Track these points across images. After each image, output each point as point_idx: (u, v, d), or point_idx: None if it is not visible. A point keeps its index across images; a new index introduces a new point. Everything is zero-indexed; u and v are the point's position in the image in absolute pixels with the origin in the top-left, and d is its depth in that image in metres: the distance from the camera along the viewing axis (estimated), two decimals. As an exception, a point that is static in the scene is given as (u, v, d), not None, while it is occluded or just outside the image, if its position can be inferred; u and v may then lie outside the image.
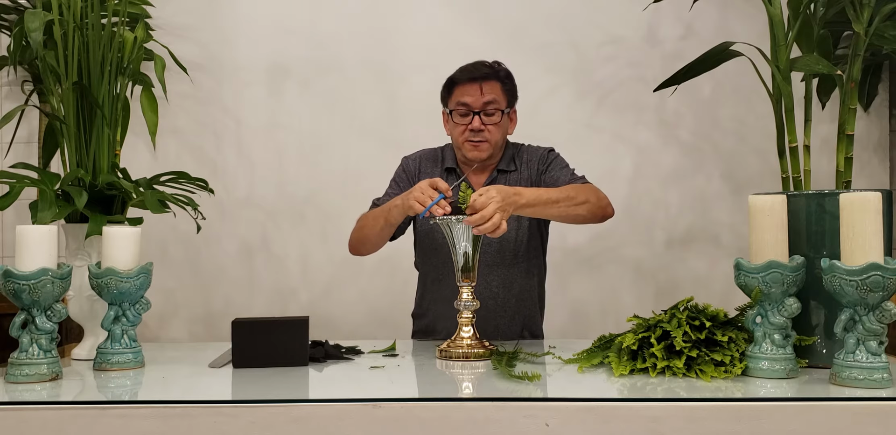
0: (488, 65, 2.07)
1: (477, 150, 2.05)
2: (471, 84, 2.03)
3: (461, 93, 2.03)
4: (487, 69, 2.05)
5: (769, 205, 1.48)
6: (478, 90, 2.02)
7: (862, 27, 1.81)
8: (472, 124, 2.02)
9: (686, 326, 1.50)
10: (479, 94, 2.02)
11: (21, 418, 1.29)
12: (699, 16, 2.77)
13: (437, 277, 2.13)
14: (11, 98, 2.94)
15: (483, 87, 2.02)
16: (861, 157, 2.86)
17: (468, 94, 2.02)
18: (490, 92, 2.03)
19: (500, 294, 2.09)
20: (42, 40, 1.85)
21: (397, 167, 2.21)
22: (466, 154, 2.07)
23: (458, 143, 2.08)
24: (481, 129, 2.02)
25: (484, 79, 2.03)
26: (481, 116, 2.02)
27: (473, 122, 2.01)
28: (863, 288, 1.34)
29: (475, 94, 2.02)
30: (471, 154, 2.05)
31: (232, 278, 2.97)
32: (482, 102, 2.02)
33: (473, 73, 2.03)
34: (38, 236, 1.51)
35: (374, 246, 2.06)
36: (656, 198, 2.96)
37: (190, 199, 1.96)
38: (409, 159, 2.20)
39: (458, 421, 1.27)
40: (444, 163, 2.15)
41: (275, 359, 1.62)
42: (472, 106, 2.02)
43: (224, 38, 2.97)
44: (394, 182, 2.18)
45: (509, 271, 2.10)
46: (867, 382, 1.36)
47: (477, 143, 2.04)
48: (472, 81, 2.02)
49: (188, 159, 2.95)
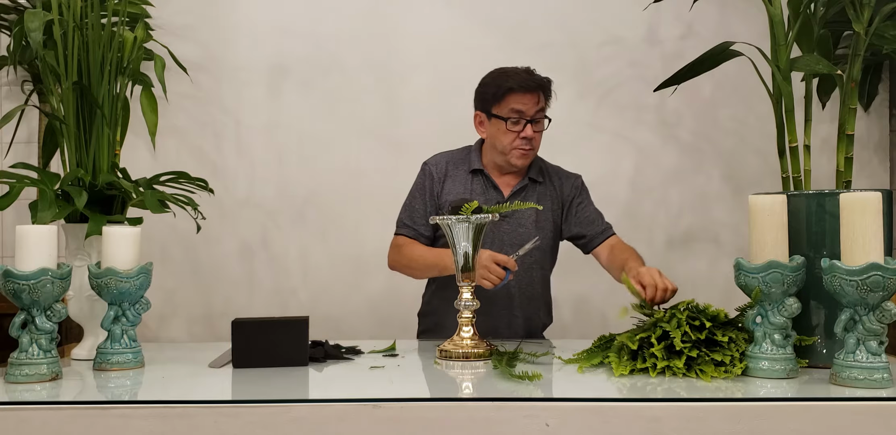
0: (538, 76, 2.09)
1: (525, 157, 2.09)
2: (530, 93, 2.05)
3: (516, 100, 2.04)
4: (539, 78, 2.08)
5: (769, 205, 1.48)
6: (535, 99, 2.05)
7: (862, 27, 1.81)
8: (525, 132, 2.05)
9: (686, 327, 1.50)
10: (535, 103, 2.05)
11: (21, 418, 1.28)
12: (699, 16, 2.77)
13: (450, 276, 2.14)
14: (11, 98, 2.94)
15: (539, 97, 2.06)
16: (861, 157, 2.86)
17: (524, 103, 2.04)
18: (541, 101, 2.07)
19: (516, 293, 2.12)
20: (42, 40, 1.85)
21: (418, 175, 2.19)
22: (514, 161, 2.09)
23: (505, 150, 2.08)
24: (533, 136, 2.06)
25: (538, 88, 2.06)
26: (532, 124, 2.05)
27: (526, 131, 2.05)
28: (863, 288, 1.34)
29: (531, 103, 2.04)
30: (519, 162, 2.09)
31: (232, 278, 2.97)
32: (535, 111, 2.05)
33: (531, 83, 2.05)
34: (38, 236, 1.51)
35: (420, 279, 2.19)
36: (656, 198, 2.96)
37: (190, 199, 1.96)
38: (430, 165, 2.18)
39: (458, 421, 1.27)
40: (470, 165, 2.16)
41: (275, 359, 1.62)
42: (525, 114, 2.04)
43: (224, 38, 2.97)
44: (417, 193, 2.16)
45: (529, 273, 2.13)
46: (867, 382, 1.36)
47: (527, 151, 2.07)
48: (530, 91, 2.04)
49: (188, 159, 2.95)
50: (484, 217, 1.70)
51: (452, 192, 2.12)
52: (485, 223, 1.71)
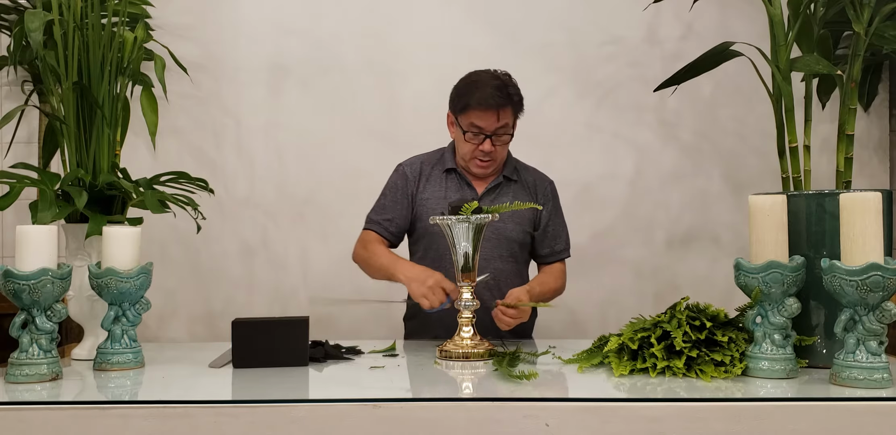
0: (503, 88, 2.04)
1: (483, 168, 2.11)
2: (488, 111, 2.02)
3: (476, 116, 2.03)
4: (503, 97, 2.03)
5: (769, 205, 1.48)
6: (494, 117, 2.03)
7: (862, 27, 1.81)
8: (484, 147, 2.05)
9: (686, 327, 1.50)
10: (495, 121, 2.03)
11: (21, 418, 1.29)
12: (699, 16, 2.77)
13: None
14: (11, 98, 2.94)
15: (500, 114, 2.03)
16: (861, 157, 2.85)
17: (483, 120, 2.03)
18: (504, 118, 2.04)
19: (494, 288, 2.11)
20: (42, 40, 1.85)
21: (391, 176, 2.20)
22: (472, 170, 2.12)
23: (465, 157, 2.11)
24: (492, 150, 2.06)
25: (500, 107, 2.02)
26: (492, 139, 2.04)
27: (485, 145, 2.04)
28: (863, 288, 1.34)
29: (490, 120, 2.03)
30: (477, 171, 2.12)
31: (232, 278, 2.97)
32: (495, 127, 2.04)
33: (490, 102, 2.01)
34: (38, 236, 1.51)
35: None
36: (656, 198, 2.96)
37: (190, 199, 1.96)
38: (405, 166, 2.20)
39: (458, 421, 1.27)
40: (444, 165, 2.17)
41: (275, 359, 1.62)
42: (485, 130, 2.04)
43: (224, 38, 2.97)
44: (388, 191, 2.18)
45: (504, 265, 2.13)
46: (867, 382, 1.36)
47: (485, 163, 2.08)
48: (489, 108, 2.02)
49: (188, 159, 2.95)
50: (484, 217, 1.70)
51: (428, 190, 2.15)
52: (485, 223, 1.71)
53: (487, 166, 2.10)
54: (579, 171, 2.94)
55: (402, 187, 2.16)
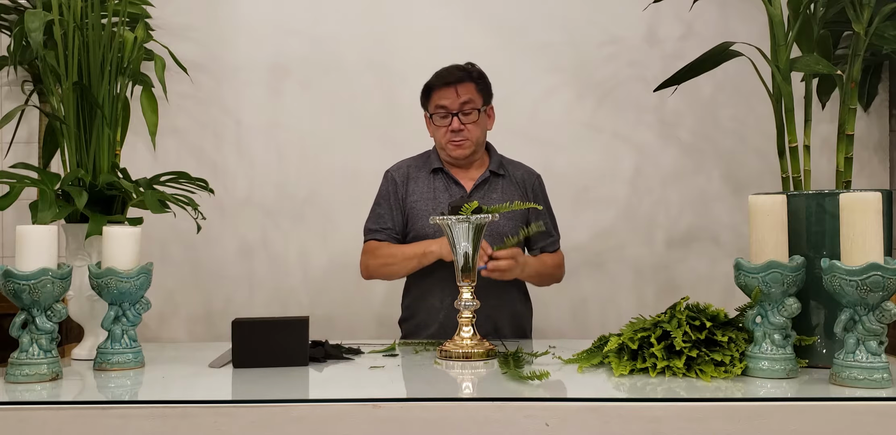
0: (461, 67, 2.16)
1: (460, 148, 2.14)
2: (446, 88, 2.12)
3: (438, 97, 2.13)
4: (461, 72, 2.14)
5: (769, 205, 1.48)
6: (454, 93, 2.11)
7: (862, 27, 1.81)
8: (452, 125, 2.11)
9: (686, 326, 1.50)
10: (455, 96, 2.11)
11: (21, 418, 1.29)
12: (699, 16, 2.77)
13: (425, 270, 2.14)
14: (11, 98, 2.94)
15: (458, 90, 2.11)
16: (861, 157, 2.86)
17: (445, 98, 2.12)
18: (465, 93, 2.12)
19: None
20: (42, 40, 1.85)
21: (381, 183, 2.23)
22: (450, 153, 2.15)
23: (441, 144, 2.16)
24: (461, 128, 2.11)
25: (458, 81, 2.12)
26: (459, 117, 2.11)
27: (453, 123, 2.11)
28: (863, 288, 1.34)
29: (451, 97, 2.11)
30: (455, 153, 2.15)
31: (232, 278, 2.97)
32: (459, 103, 2.11)
33: (448, 78, 2.13)
34: (38, 236, 1.51)
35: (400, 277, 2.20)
36: (656, 198, 2.96)
37: (190, 199, 1.96)
38: (392, 171, 2.24)
39: (458, 421, 1.27)
40: (430, 166, 2.21)
41: (275, 359, 1.62)
42: (449, 108, 2.11)
43: (224, 38, 2.97)
44: (381, 200, 2.21)
45: None
46: (867, 382, 1.36)
47: (459, 142, 2.13)
48: (447, 85, 2.12)
49: (188, 159, 2.95)
50: (484, 217, 1.70)
51: (416, 192, 2.17)
52: (485, 223, 1.71)
53: (461, 144, 2.13)
54: (579, 171, 2.94)
55: (393, 193, 2.19)
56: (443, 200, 2.14)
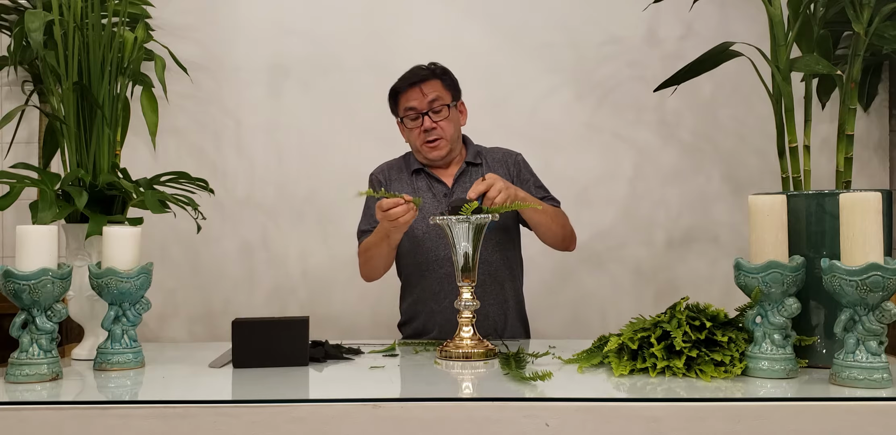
0: (424, 67, 2.15)
1: (435, 149, 2.12)
2: (411, 89, 2.11)
3: (406, 99, 2.12)
4: (424, 71, 2.13)
5: (769, 205, 1.48)
6: (419, 93, 2.10)
7: (862, 27, 1.81)
8: (424, 125, 2.09)
9: (686, 326, 1.50)
10: (422, 96, 2.10)
11: (21, 418, 1.29)
12: (699, 16, 2.77)
13: (420, 273, 2.15)
14: (11, 98, 2.94)
15: (423, 89, 2.10)
16: (861, 157, 2.85)
17: (412, 99, 2.11)
18: (431, 91, 2.10)
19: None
20: (42, 40, 1.85)
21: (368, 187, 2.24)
22: (427, 155, 2.14)
23: (416, 147, 2.15)
24: (433, 126, 2.09)
25: (423, 80, 2.11)
26: (430, 115, 2.09)
27: (424, 123, 2.09)
28: (863, 288, 1.34)
29: (418, 97, 2.10)
30: (431, 155, 2.13)
31: (232, 278, 2.97)
32: (427, 102, 2.09)
33: (411, 78, 2.12)
34: (38, 236, 1.51)
35: (386, 269, 2.16)
36: (656, 198, 2.96)
37: (190, 199, 1.96)
38: (376, 174, 2.25)
39: (458, 421, 1.27)
40: (410, 167, 2.20)
41: (275, 359, 1.62)
42: (418, 108, 2.10)
43: (224, 38, 2.97)
44: (370, 202, 2.19)
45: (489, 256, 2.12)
46: (867, 382, 1.36)
47: (433, 142, 2.11)
48: (412, 86, 2.11)
49: (188, 159, 2.95)
50: (484, 217, 1.70)
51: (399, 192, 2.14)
52: (485, 223, 1.71)
53: (437, 145, 2.11)
54: (579, 170, 2.94)
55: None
56: (427, 200, 2.13)
